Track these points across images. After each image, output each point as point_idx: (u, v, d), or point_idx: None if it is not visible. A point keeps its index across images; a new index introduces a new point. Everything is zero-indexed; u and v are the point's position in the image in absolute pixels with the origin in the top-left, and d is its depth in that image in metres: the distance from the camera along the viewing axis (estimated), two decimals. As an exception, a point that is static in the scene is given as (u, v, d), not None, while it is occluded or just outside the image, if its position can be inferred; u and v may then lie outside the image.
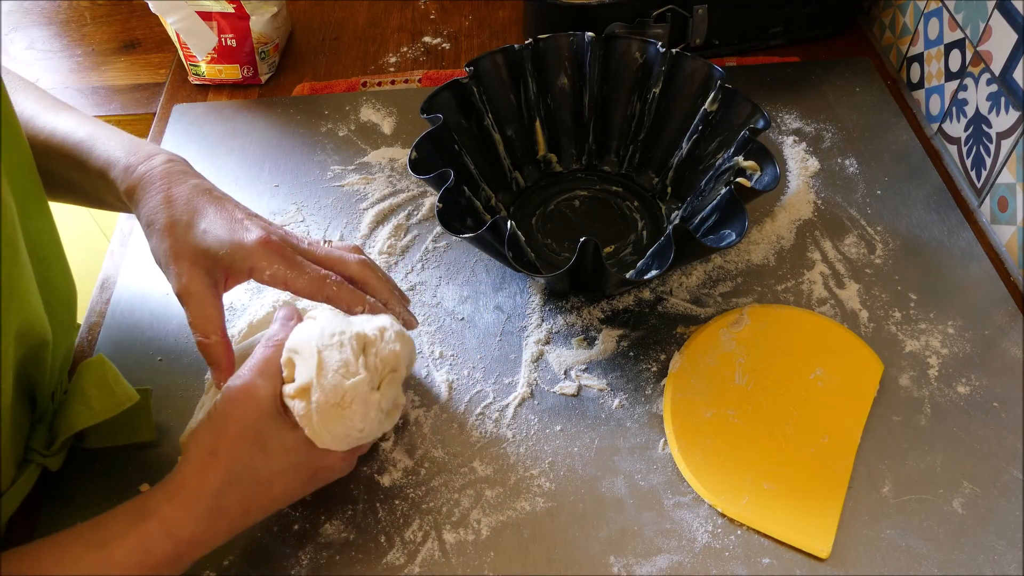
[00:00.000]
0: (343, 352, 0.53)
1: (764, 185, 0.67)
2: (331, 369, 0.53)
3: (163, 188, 0.57)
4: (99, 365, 0.58)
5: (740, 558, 0.57)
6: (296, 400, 0.53)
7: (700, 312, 0.71)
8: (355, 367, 0.53)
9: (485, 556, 0.57)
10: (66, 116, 0.62)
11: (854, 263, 0.74)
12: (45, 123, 0.61)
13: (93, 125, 0.61)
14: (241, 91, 0.95)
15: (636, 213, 0.79)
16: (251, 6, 0.89)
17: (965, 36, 0.79)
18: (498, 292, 0.73)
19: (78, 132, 0.60)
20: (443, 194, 0.65)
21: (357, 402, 0.53)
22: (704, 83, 0.76)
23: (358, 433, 0.54)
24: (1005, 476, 0.61)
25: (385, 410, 0.55)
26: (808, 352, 0.67)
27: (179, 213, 0.56)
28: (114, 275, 0.77)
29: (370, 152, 0.86)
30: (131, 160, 0.58)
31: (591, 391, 0.66)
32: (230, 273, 0.56)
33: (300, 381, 0.53)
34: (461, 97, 0.76)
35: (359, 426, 0.54)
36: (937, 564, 0.56)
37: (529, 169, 0.82)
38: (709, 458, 0.61)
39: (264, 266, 0.55)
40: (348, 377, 0.53)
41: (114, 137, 0.60)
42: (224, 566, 0.57)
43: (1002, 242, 0.75)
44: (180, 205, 0.56)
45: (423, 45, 1.00)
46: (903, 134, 0.85)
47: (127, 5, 1.07)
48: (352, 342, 0.54)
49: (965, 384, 0.66)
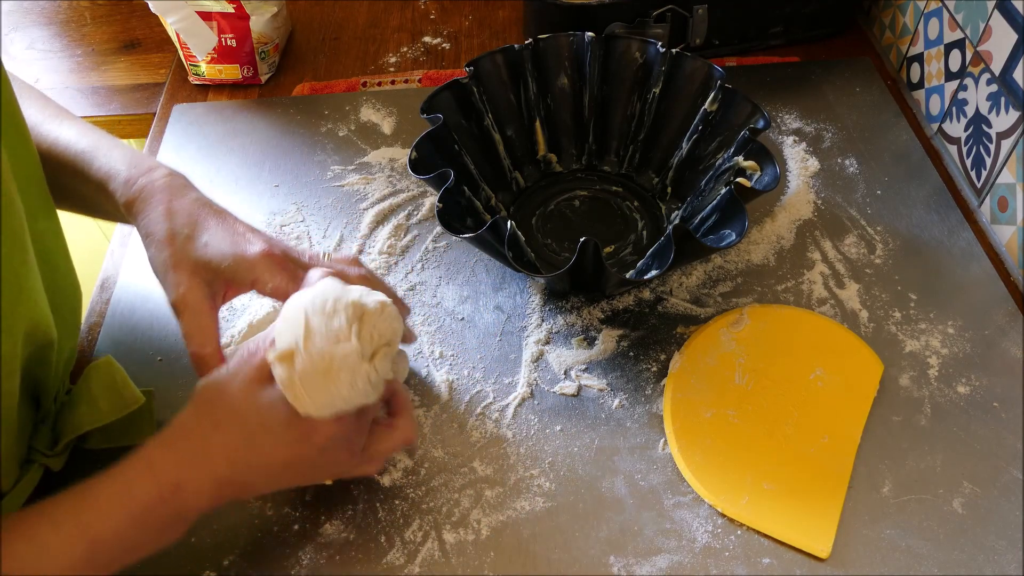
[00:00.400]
0: (336, 319, 0.52)
1: (764, 185, 0.67)
2: (319, 335, 0.51)
3: (164, 200, 0.57)
4: (107, 367, 0.58)
5: (740, 558, 0.57)
6: (279, 364, 0.51)
7: (700, 312, 0.71)
8: (347, 334, 0.51)
9: (485, 556, 0.57)
10: (69, 126, 0.62)
11: (854, 263, 0.74)
12: (48, 132, 0.61)
13: (96, 136, 0.62)
14: (241, 91, 0.95)
15: (636, 213, 0.79)
16: (251, 6, 0.89)
17: (965, 36, 0.79)
18: (498, 292, 0.73)
19: (80, 142, 0.61)
20: (443, 194, 0.65)
21: (345, 370, 0.51)
22: (704, 83, 0.76)
23: (342, 402, 0.52)
24: (1005, 476, 0.61)
25: (373, 383, 0.53)
26: (808, 352, 0.67)
27: (180, 225, 0.56)
28: (114, 275, 0.77)
29: (370, 152, 0.86)
30: (132, 173, 0.58)
31: (591, 391, 0.66)
32: (231, 285, 0.56)
33: (284, 345, 0.51)
34: (461, 97, 0.76)
35: (344, 394, 0.51)
36: (937, 564, 0.57)
37: (529, 169, 0.82)
38: (709, 458, 0.61)
39: (267, 278, 0.55)
40: (337, 343, 0.51)
41: (116, 149, 0.60)
42: (224, 566, 0.57)
43: (1002, 242, 0.75)
44: (181, 217, 0.56)
45: (423, 45, 1.00)
46: (903, 134, 0.85)
47: (127, 5, 1.07)
48: (348, 309, 0.52)
49: (965, 384, 0.66)
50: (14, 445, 0.53)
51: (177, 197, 0.57)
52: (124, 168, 0.58)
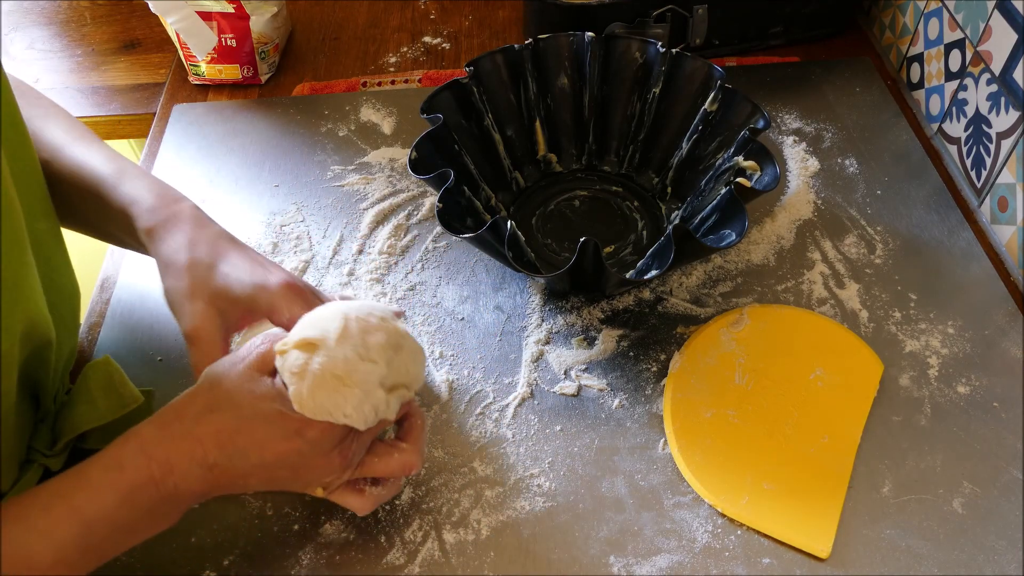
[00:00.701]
0: (375, 336, 0.51)
1: (764, 185, 0.67)
2: (351, 341, 0.50)
3: (186, 231, 0.57)
4: (105, 367, 0.58)
5: (740, 558, 0.57)
6: (295, 350, 0.50)
7: (700, 312, 0.71)
8: (379, 355, 0.51)
9: (485, 556, 0.57)
10: (96, 150, 0.62)
11: (854, 263, 0.74)
12: (73, 154, 0.61)
13: (122, 162, 0.62)
14: (241, 91, 0.95)
15: (636, 213, 0.79)
16: (251, 6, 0.89)
17: (965, 36, 0.79)
18: (498, 292, 0.73)
19: (106, 167, 0.61)
20: (443, 194, 0.65)
21: (359, 388, 0.50)
22: (704, 83, 0.76)
23: (342, 416, 0.50)
24: (1005, 476, 0.61)
25: (378, 413, 0.52)
26: (808, 352, 0.67)
27: (201, 255, 0.56)
28: (114, 275, 0.77)
29: (370, 152, 0.86)
30: (158, 202, 0.59)
31: (591, 391, 0.66)
32: (247, 314, 0.57)
33: (307, 334, 0.50)
34: (461, 97, 0.76)
35: (345, 410, 0.50)
36: (937, 564, 0.57)
37: (529, 169, 0.82)
38: (709, 458, 0.61)
39: (285, 308, 0.55)
40: (365, 359, 0.50)
41: (142, 178, 0.61)
42: (224, 566, 0.57)
43: (1002, 242, 0.75)
44: (202, 247, 0.57)
45: (423, 45, 1.00)
46: (903, 134, 0.85)
47: (127, 5, 1.07)
48: (391, 334, 0.51)
49: (965, 384, 0.66)
50: (13, 445, 0.53)
51: (200, 228, 0.58)
52: (150, 196, 0.59)
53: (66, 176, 0.61)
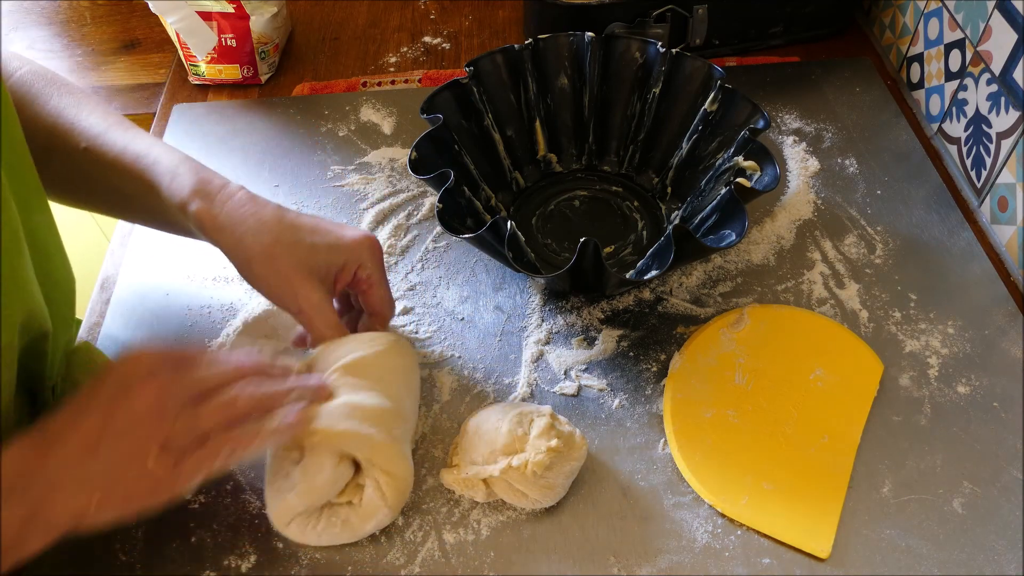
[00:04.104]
0: (541, 420, 0.59)
1: (764, 185, 0.67)
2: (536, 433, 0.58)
3: (251, 213, 0.58)
4: (86, 351, 0.59)
5: (740, 558, 0.57)
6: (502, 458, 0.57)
7: (700, 312, 0.71)
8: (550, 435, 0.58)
9: (485, 556, 0.57)
10: (135, 135, 0.62)
11: (854, 263, 0.74)
12: (115, 139, 0.61)
13: (162, 146, 0.61)
14: (241, 91, 0.95)
15: (636, 213, 0.79)
16: (251, 6, 0.89)
17: (965, 36, 0.79)
18: (498, 292, 0.73)
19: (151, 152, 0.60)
20: (443, 194, 0.65)
21: (559, 460, 0.57)
22: (704, 83, 0.76)
23: (564, 480, 0.58)
24: (1005, 476, 0.61)
25: (561, 483, 0.58)
26: (808, 352, 0.67)
27: (279, 233, 0.57)
28: (114, 275, 0.77)
29: (370, 152, 0.86)
30: (206, 186, 0.58)
31: (591, 391, 0.66)
32: (340, 274, 0.59)
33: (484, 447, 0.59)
34: (461, 97, 0.76)
35: (563, 481, 0.58)
36: (937, 564, 0.57)
37: (529, 169, 0.82)
38: (709, 458, 0.61)
39: (368, 262, 0.59)
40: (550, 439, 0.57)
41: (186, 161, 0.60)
42: (224, 566, 0.57)
43: (1002, 242, 0.75)
44: (273, 226, 0.58)
45: (423, 45, 1.00)
46: (903, 134, 0.85)
47: (127, 5, 1.07)
48: (548, 418, 0.59)
49: (965, 384, 0.66)
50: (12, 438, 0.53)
51: (262, 208, 0.59)
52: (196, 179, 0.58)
53: (109, 162, 0.60)
